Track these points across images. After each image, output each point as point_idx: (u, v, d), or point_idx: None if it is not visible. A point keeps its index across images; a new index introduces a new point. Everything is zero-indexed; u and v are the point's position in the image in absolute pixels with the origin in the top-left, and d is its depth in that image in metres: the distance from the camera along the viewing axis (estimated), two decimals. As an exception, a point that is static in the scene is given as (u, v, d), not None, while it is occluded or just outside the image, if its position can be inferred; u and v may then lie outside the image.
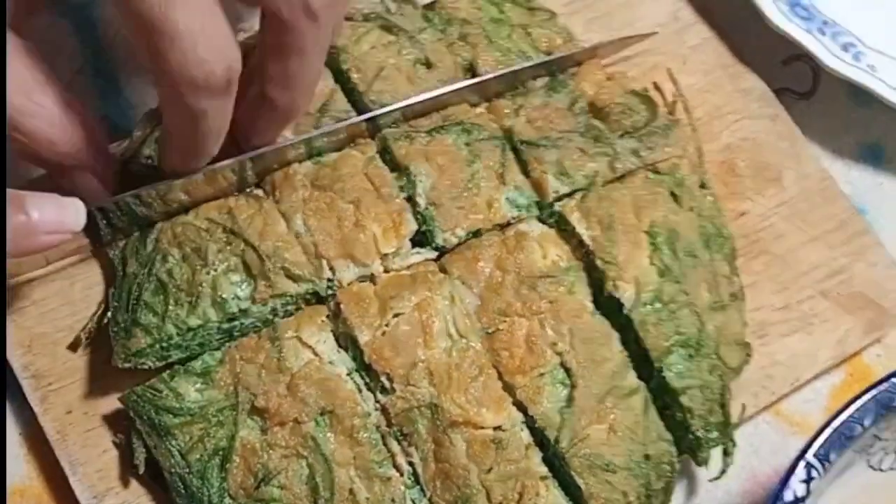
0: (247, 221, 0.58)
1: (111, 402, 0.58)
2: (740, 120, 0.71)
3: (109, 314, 0.58)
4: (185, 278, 0.57)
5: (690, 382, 0.59)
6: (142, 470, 0.57)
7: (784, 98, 0.73)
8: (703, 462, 0.60)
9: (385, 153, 0.61)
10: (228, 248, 0.58)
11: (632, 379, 0.59)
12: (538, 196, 0.62)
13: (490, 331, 0.58)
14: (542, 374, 0.57)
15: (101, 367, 0.59)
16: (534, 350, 0.57)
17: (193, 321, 0.57)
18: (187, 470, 0.55)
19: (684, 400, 0.59)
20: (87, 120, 0.54)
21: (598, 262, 0.60)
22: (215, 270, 0.57)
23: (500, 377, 0.57)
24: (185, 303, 0.57)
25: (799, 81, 0.73)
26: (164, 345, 0.57)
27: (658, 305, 0.60)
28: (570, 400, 0.57)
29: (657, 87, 0.70)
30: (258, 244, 0.58)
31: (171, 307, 0.57)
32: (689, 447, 0.60)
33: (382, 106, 0.62)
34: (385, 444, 0.56)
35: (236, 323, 0.58)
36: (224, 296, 0.57)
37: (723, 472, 0.60)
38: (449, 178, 0.60)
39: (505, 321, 0.58)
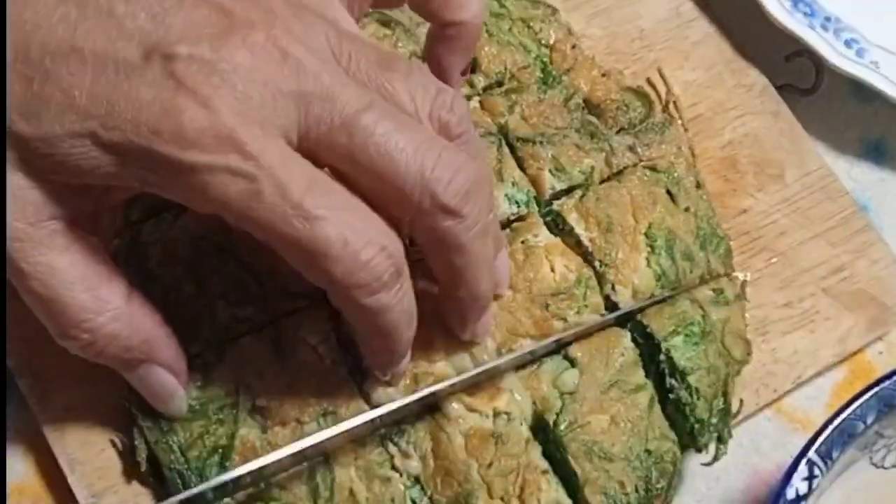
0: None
1: (110, 401, 0.58)
2: (742, 116, 0.71)
3: None
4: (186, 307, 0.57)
5: (699, 363, 0.58)
6: (143, 467, 0.56)
7: (786, 94, 0.72)
8: (703, 446, 0.59)
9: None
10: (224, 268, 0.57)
11: (639, 377, 0.58)
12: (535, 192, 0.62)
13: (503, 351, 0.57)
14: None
15: (100, 366, 0.59)
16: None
17: (195, 349, 0.56)
18: (186, 467, 0.55)
19: (692, 380, 0.58)
20: (153, 312, 0.52)
21: (597, 265, 0.60)
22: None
23: (503, 374, 0.57)
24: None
25: (801, 77, 0.73)
26: None
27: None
28: (573, 387, 0.57)
29: (651, 84, 0.70)
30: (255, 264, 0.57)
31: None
32: (689, 432, 0.59)
33: None
34: (383, 446, 0.56)
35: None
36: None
37: (715, 458, 0.60)
38: (446, 179, 0.60)
39: (517, 342, 0.57)
